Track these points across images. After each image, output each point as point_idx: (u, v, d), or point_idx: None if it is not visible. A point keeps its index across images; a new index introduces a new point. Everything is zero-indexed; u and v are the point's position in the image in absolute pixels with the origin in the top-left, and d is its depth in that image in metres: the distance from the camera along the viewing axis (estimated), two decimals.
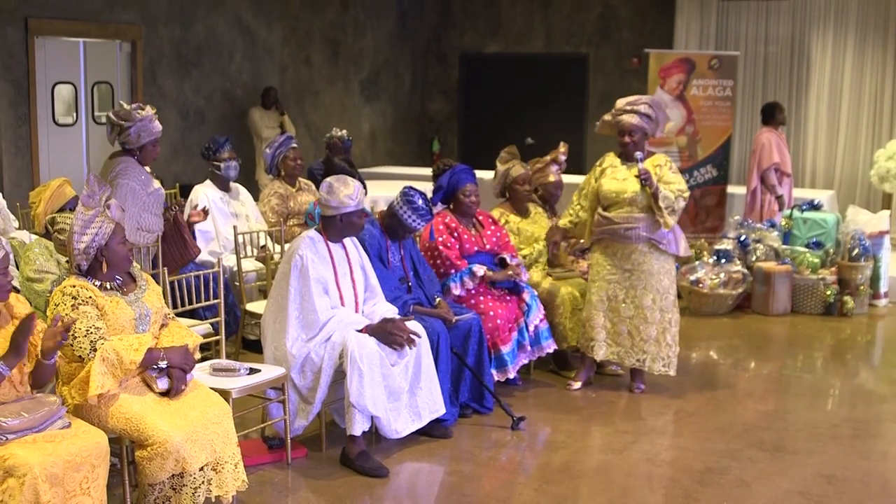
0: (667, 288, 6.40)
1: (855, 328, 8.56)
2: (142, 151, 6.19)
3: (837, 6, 12.31)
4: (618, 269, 6.40)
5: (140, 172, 6.18)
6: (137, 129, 6.07)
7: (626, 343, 6.47)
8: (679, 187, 6.27)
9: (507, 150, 7.09)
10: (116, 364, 4.15)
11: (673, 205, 6.21)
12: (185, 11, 10.86)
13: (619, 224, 6.32)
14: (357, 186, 5.38)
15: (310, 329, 5.26)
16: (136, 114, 6.06)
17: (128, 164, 6.16)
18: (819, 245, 9.21)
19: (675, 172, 6.37)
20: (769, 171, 10.03)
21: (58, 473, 3.72)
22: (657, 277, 6.36)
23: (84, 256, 4.27)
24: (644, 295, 6.37)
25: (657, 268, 6.36)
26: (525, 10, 14.32)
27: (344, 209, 5.33)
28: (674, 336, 6.46)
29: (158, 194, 6.31)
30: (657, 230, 6.28)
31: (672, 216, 6.22)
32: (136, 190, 6.09)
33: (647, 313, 6.38)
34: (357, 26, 13.56)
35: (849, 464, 5.45)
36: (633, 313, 6.40)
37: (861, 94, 12.32)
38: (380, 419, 5.29)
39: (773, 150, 10.03)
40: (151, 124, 6.12)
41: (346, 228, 5.42)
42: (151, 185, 6.23)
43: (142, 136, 6.10)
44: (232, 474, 4.34)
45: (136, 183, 6.10)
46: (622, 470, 5.35)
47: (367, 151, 13.97)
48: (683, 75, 10.93)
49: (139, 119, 6.06)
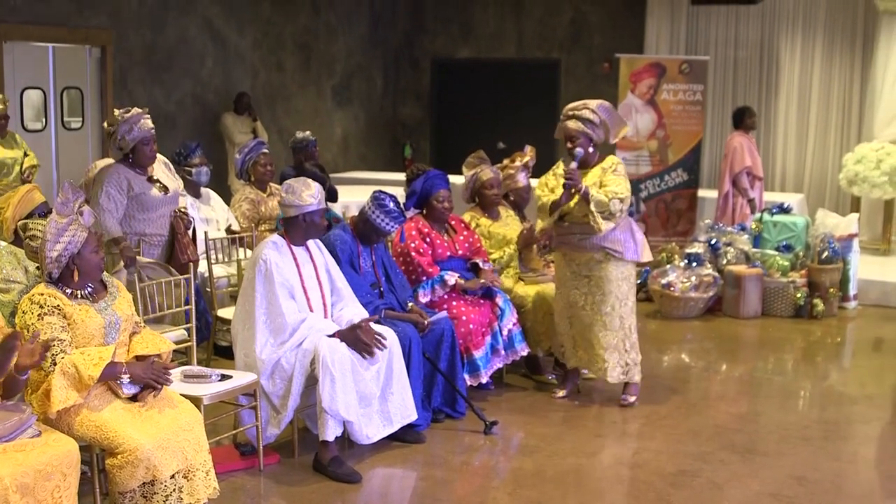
0: (626, 294, 6.27)
1: (825, 330, 8.63)
2: (135, 153, 6.17)
3: (806, 11, 12.41)
4: (577, 275, 6.30)
5: (123, 177, 6.15)
6: (123, 132, 6.07)
7: (589, 351, 6.36)
8: (614, 189, 6.02)
9: (473, 155, 7.10)
10: (76, 378, 4.12)
11: (608, 207, 5.99)
12: (155, 16, 10.80)
13: (574, 233, 6.22)
14: (318, 187, 5.42)
15: (278, 333, 5.25)
16: (121, 116, 6.08)
17: (113, 169, 6.17)
18: (789, 248, 9.27)
19: (619, 175, 6.12)
20: (741, 175, 10.10)
21: (28, 483, 3.69)
22: (616, 284, 6.21)
23: (56, 265, 4.25)
24: (603, 301, 6.23)
25: (615, 274, 6.20)
26: (497, 15, 14.35)
27: (306, 208, 5.35)
28: (633, 343, 6.34)
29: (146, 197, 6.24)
30: (612, 237, 6.12)
31: (608, 220, 6.02)
32: (111, 194, 6.08)
33: (607, 320, 6.24)
34: (329, 31, 13.54)
35: (819, 465, 5.48)
36: (592, 320, 6.27)
37: (830, 97, 12.42)
38: (352, 424, 5.28)
39: (745, 154, 10.11)
40: (137, 124, 6.10)
41: (308, 229, 5.42)
42: (137, 189, 6.18)
43: (129, 139, 6.09)
44: (203, 481, 4.32)
45: (111, 188, 6.08)
46: (595, 473, 5.36)
47: (339, 156, 13.95)
48: (654, 80, 11.00)
49: (123, 120, 6.06)
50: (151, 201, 6.25)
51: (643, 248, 6.33)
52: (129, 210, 6.20)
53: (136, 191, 6.17)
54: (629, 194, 6.13)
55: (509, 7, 14.25)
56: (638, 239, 6.30)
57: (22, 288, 4.92)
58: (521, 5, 14.17)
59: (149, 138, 6.18)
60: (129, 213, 6.22)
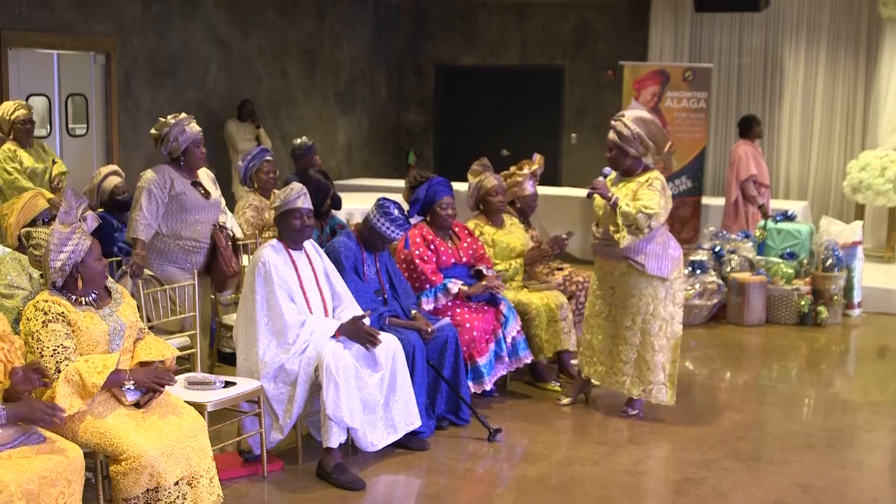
0: (650, 312, 6.08)
1: (829, 338, 8.61)
2: (186, 155, 6.15)
3: (810, 18, 12.41)
4: (604, 284, 6.26)
5: (167, 176, 6.12)
6: (176, 134, 6.06)
7: (607, 363, 6.29)
8: (645, 203, 5.90)
9: (478, 162, 7.09)
10: (80, 386, 4.12)
11: (634, 220, 5.87)
12: (159, 22, 10.82)
13: (601, 240, 6.19)
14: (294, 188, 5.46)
15: (280, 335, 5.26)
16: (170, 120, 6.08)
17: (158, 168, 6.17)
18: (793, 256, 9.27)
19: (653, 189, 5.98)
20: (748, 183, 10.11)
21: (33, 490, 3.69)
22: (638, 298, 6.08)
23: (60, 273, 4.26)
24: (623, 315, 6.14)
25: (638, 289, 6.07)
26: (500, 22, 14.37)
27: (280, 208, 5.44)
28: (659, 363, 6.14)
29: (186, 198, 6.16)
30: (638, 249, 6.00)
31: (633, 234, 5.89)
32: (153, 192, 6.06)
33: (627, 334, 6.14)
34: (333, 38, 13.56)
35: (824, 473, 5.47)
36: (614, 332, 6.21)
37: (834, 105, 12.41)
38: (356, 431, 5.28)
39: (750, 163, 10.11)
40: (188, 126, 6.10)
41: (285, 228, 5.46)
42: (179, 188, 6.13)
43: (181, 141, 6.08)
44: (207, 488, 4.32)
45: (154, 185, 6.07)
46: (599, 481, 5.35)
47: (343, 163, 13.96)
48: (658, 87, 11.00)
49: (174, 124, 6.06)
50: (191, 203, 6.17)
51: (673, 265, 6.11)
52: (168, 208, 6.15)
53: (178, 190, 6.12)
54: (660, 210, 5.92)
55: (513, 14, 14.27)
56: (669, 255, 6.09)
57: (26, 294, 4.93)
58: (524, 12, 14.18)
59: (199, 140, 6.18)
60: (168, 211, 6.15)
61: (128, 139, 10.58)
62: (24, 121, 8.22)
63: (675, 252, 6.17)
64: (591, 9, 13.77)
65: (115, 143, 10.42)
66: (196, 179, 6.27)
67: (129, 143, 10.59)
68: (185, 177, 6.20)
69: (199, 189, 6.25)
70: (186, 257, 6.19)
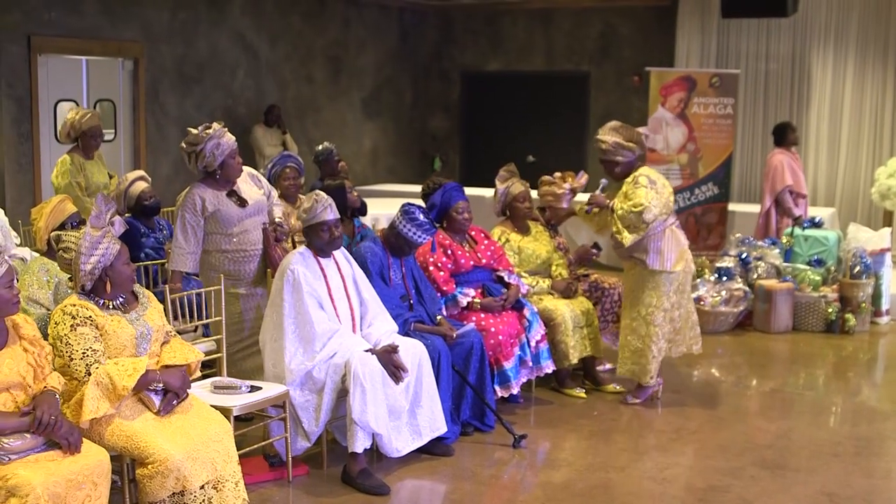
0: (653, 303, 6.53)
1: (857, 346, 8.55)
2: (223, 168, 5.96)
3: (838, 24, 12.33)
4: (624, 282, 6.85)
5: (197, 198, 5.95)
6: (211, 148, 5.87)
7: (622, 352, 6.74)
8: (633, 202, 6.33)
9: (505, 168, 7.09)
10: (110, 388, 4.15)
11: (630, 220, 6.34)
12: (187, 29, 10.89)
13: (613, 245, 6.65)
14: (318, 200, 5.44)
15: (308, 344, 5.27)
16: (203, 134, 5.88)
17: (186, 194, 6.00)
18: (820, 262, 9.20)
19: (638, 186, 6.37)
20: (784, 194, 9.94)
21: (60, 492, 3.72)
22: (642, 292, 6.56)
23: (89, 277, 4.29)
24: (632, 307, 6.63)
25: (642, 283, 6.56)
26: (526, 27, 14.36)
27: (309, 221, 5.44)
28: (660, 349, 6.61)
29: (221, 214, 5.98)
30: (638, 246, 6.45)
31: (633, 232, 6.36)
32: (187, 219, 5.91)
33: (635, 325, 6.60)
34: (358, 43, 13.60)
35: (851, 482, 5.43)
36: (626, 323, 6.68)
37: (862, 111, 12.32)
38: (381, 437, 5.29)
39: (786, 173, 9.92)
40: (223, 138, 5.90)
41: (314, 240, 5.46)
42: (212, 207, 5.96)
43: (217, 154, 5.90)
44: (233, 492, 4.34)
45: (187, 212, 5.92)
46: (624, 488, 5.34)
47: (368, 168, 13.98)
48: (684, 93, 10.97)
49: (208, 138, 5.86)
50: (226, 217, 6.00)
51: (673, 257, 6.52)
52: (207, 227, 5.99)
53: (211, 209, 5.96)
54: (648, 203, 6.30)
55: (538, 19, 14.25)
56: (667, 248, 6.51)
57: (42, 314, 4.97)
58: (550, 17, 14.17)
59: (235, 151, 5.99)
60: (208, 230, 6.00)
61: (155, 145, 10.65)
62: (96, 133, 7.98)
63: (670, 243, 6.56)
64: (617, 14, 13.74)
65: (142, 148, 10.49)
66: (231, 188, 6.08)
67: (156, 148, 10.66)
68: (219, 189, 6.02)
69: (234, 199, 6.06)
70: (237, 269, 6.04)
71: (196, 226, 5.94)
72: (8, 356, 3.96)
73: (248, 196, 6.10)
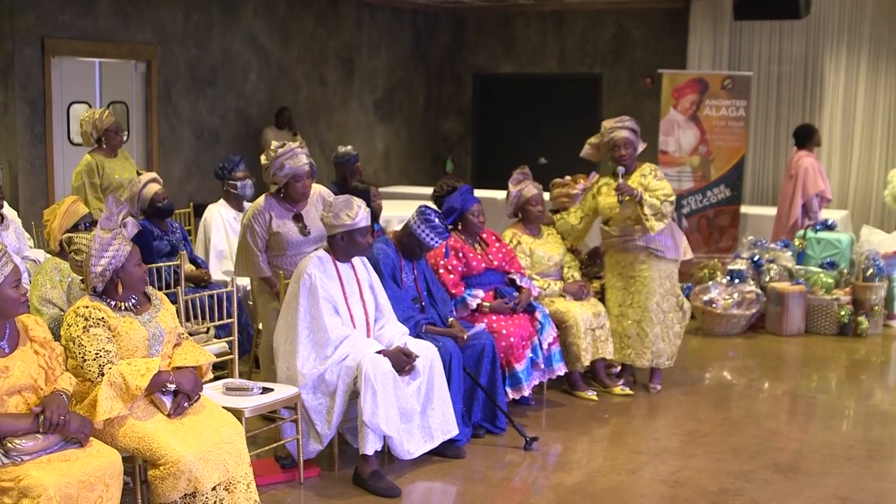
0: (668, 290, 6.87)
1: (869, 349, 8.52)
2: (286, 189, 5.96)
3: (851, 26, 12.29)
4: (623, 276, 6.89)
5: (266, 212, 5.97)
6: (276, 168, 5.89)
7: (636, 345, 6.88)
8: (664, 192, 6.65)
9: (518, 170, 7.09)
10: (123, 389, 4.16)
11: (660, 210, 6.59)
12: (200, 31, 10.92)
13: (618, 236, 6.77)
14: (359, 206, 5.38)
15: (321, 348, 5.27)
16: (276, 151, 5.90)
17: (257, 204, 6.03)
18: (833, 265, 9.17)
19: (660, 179, 6.74)
20: (812, 199, 9.89)
21: (72, 493, 3.73)
22: (659, 282, 6.81)
23: (101, 279, 4.30)
24: (648, 299, 6.80)
25: (658, 273, 6.80)
26: (539, 30, 14.36)
27: (345, 227, 5.35)
28: (677, 333, 6.96)
29: (282, 237, 5.98)
30: (654, 238, 6.68)
31: (660, 220, 6.61)
32: (255, 229, 5.95)
33: (652, 315, 6.81)
34: (371, 46, 13.62)
35: (864, 486, 5.42)
36: (640, 316, 6.83)
37: (875, 113, 12.27)
38: (392, 439, 5.29)
39: (818, 177, 9.83)
40: (291, 160, 5.88)
41: (349, 247, 5.42)
42: (276, 227, 5.97)
43: (280, 175, 5.90)
44: (244, 494, 4.34)
45: (256, 223, 5.97)
46: (635, 491, 5.33)
47: (380, 171, 14.00)
48: (696, 95, 10.94)
49: (276, 156, 5.88)
50: (288, 241, 6.00)
51: (683, 247, 6.92)
52: (268, 243, 6.03)
53: (275, 228, 5.97)
54: (674, 195, 6.78)
55: (551, 22, 14.25)
56: (678, 239, 6.88)
57: (55, 314, 4.99)
58: (562, 20, 14.17)
59: (301, 175, 5.93)
60: (270, 244, 6.03)
61: (167, 146, 10.68)
62: (118, 129, 8.02)
63: (679, 234, 6.96)
64: (630, 17, 13.73)
65: (154, 150, 10.52)
66: (299, 212, 6.05)
67: (168, 150, 10.69)
68: (287, 209, 6.02)
69: (300, 224, 6.04)
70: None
71: (263, 238, 6.00)
72: (20, 358, 3.97)
73: (313, 225, 6.06)
